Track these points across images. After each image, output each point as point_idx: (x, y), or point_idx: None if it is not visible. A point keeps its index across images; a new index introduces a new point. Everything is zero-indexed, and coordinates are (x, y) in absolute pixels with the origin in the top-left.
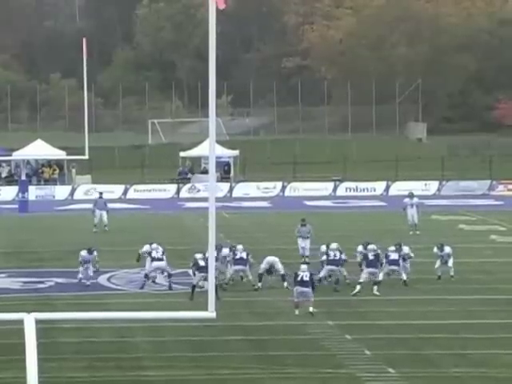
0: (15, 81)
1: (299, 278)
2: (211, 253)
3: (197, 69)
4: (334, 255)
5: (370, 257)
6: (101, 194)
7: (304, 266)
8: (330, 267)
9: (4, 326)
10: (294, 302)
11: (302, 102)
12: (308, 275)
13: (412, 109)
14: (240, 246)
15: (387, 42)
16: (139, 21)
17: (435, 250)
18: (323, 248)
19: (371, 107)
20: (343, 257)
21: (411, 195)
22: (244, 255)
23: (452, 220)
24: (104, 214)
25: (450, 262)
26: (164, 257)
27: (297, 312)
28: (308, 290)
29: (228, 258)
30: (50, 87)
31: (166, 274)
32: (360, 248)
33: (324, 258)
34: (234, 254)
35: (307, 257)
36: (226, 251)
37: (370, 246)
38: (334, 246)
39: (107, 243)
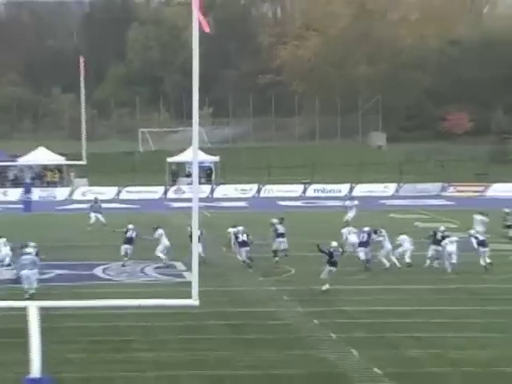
0: (20, 95)
1: (332, 260)
2: (194, 247)
3: (182, 84)
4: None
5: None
6: (96, 199)
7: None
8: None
9: (10, 312)
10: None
11: (275, 113)
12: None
13: (373, 119)
14: (241, 228)
15: (350, 61)
16: (130, 41)
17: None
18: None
19: (337, 118)
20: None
21: (351, 198)
22: (245, 237)
23: (409, 218)
24: (99, 216)
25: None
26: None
27: (327, 287)
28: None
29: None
30: (51, 100)
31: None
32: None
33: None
34: (237, 238)
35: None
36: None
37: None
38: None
39: (101, 239)
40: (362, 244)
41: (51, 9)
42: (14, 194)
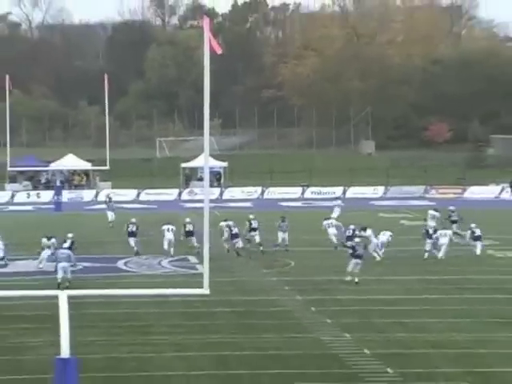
0: (51, 107)
1: (357, 253)
2: (206, 242)
3: (194, 98)
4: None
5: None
6: (110, 198)
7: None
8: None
9: (43, 300)
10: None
11: (277, 124)
12: (362, 251)
13: (363, 129)
14: (231, 222)
15: (344, 77)
16: (148, 60)
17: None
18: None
19: (331, 128)
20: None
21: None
22: (237, 230)
23: (395, 217)
24: (112, 214)
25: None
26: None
27: (350, 278)
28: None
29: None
30: (78, 112)
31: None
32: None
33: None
34: (231, 231)
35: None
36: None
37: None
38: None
39: (122, 235)
40: (348, 238)
41: (79, 32)
42: (46, 195)
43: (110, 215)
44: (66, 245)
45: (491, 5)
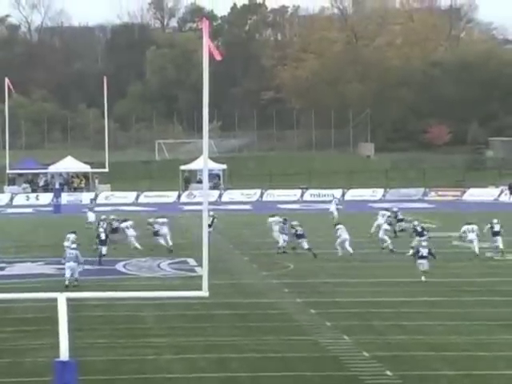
0: (51, 110)
1: (420, 254)
2: (205, 244)
3: (193, 100)
4: None
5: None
6: (92, 200)
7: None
8: None
9: (42, 303)
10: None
11: (276, 126)
12: (427, 251)
13: (363, 132)
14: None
15: (343, 80)
16: (148, 62)
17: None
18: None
19: (330, 131)
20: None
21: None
22: (302, 231)
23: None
24: (93, 215)
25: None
26: None
27: (423, 279)
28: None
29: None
30: (77, 115)
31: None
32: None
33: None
34: (296, 230)
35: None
36: None
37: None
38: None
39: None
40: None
41: (78, 34)
42: (45, 198)
43: (91, 216)
44: (74, 245)
45: (490, 7)
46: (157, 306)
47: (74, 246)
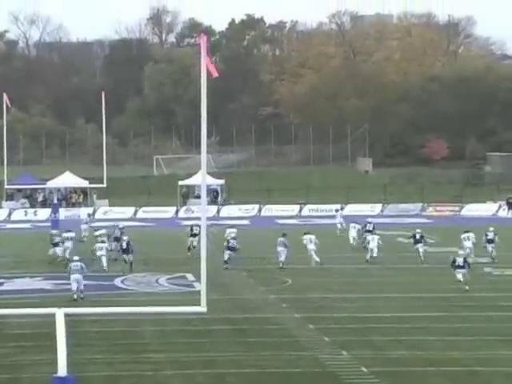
0: (49, 125)
1: (456, 263)
2: (203, 260)
3: (191, 116)
4: None
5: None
6: (88, 215)
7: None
8: None
9: (39, 318)
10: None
11: (274, 141)
12: (462, 260)
13: (361, 147)
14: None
15: (341, 95)
16: (146, 78)
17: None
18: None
19: (328, 145)
20: None
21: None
22: None
23: (392, 234)
24: (86, 227)
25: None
26: None
27: (467, 287)
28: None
29: None
30: (76, 130)
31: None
32: None
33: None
34: None
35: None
36: None
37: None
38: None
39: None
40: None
41: (76, 50)
42: (43, 213)
43: (84, 229)
44: (77, 257)
45: (488, 23)
46: (155, 321)
47: (76, 257)
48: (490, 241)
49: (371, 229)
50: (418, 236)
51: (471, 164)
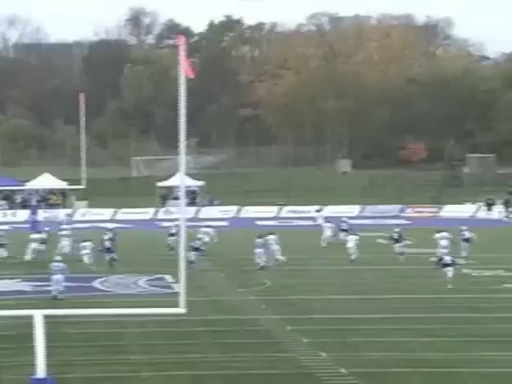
0: (27, 127)
1: (444, 261)
2: (181, 261)
3: (170, 117)
4: None
5: None
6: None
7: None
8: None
9: (18, 320)
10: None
11: (253, 143)
12: (450, 259)
13: (340, 148)
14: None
15: (320, 96)
16: (125, 79)
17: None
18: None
19: (308, 147)
20: None
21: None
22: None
23: (371, 236)
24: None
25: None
26: None
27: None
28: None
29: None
30: (54, 132)
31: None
32: None
33: None
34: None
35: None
36: None
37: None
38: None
39: (98, 255)
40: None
41: (55, 51)
42: (22, 215)
43: (61, 229)
44: (59, 257)
45: (467, 24)
46: (134, 322)
47: (59, 258)
48: (466, 240)
49: (346, 228)
50: (395, 236)
51: (449, 166)
